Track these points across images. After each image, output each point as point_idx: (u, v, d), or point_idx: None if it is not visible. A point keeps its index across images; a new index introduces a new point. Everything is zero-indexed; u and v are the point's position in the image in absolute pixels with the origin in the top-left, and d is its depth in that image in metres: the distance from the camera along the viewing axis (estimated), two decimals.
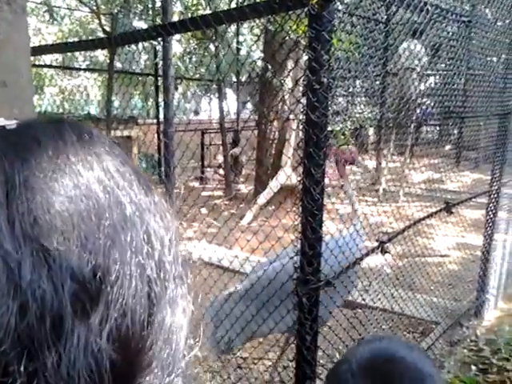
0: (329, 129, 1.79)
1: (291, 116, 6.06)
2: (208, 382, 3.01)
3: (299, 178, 1.79)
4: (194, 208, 4.14)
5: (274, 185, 6.85)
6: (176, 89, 11.61)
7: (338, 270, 2.03)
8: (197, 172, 9.52)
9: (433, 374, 0.91)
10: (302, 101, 1.76)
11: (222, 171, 9.43)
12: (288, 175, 6.71)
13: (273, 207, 6.51)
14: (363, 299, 2.75)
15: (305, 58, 1.76)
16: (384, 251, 2.38)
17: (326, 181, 1.81)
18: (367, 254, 2.28)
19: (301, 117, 1.77)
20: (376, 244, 2.37)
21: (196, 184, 9.34)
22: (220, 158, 9.65)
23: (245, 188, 8.99)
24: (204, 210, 6.21)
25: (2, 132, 0.36)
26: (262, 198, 6.86)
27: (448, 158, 4.98)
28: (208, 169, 10.26)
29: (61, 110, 10.18)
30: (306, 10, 1.67)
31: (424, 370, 0.91)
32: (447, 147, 5.95)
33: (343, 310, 2.85)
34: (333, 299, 2.05)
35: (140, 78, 10.32)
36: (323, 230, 1.81)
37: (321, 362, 2.77)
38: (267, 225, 4.29)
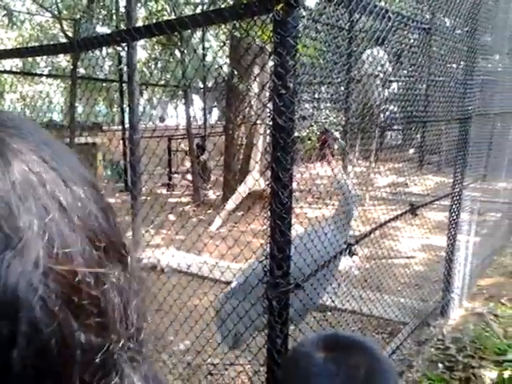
0: (296, 134, 1.81)
1: (258, 121, 6.09)
2: None
3: (267, 183, 1.80)
4: (162, 214, 4.09)
5: (242, 190, 6.85)
6: (141, 95, 11.48)
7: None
8: (164, 178, 9.43)
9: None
10: (268, 105, 1.78)
11: (189, 177, 9.37)
12: (256, 180, 6.72)
13: (241, 212, 6.50)
14: (332, 301, 2.77)
15: (271, 63, 1.77)
16: (352, 253, 2.42)
17: (294, 185, 1.82)
18: (335, 257, 2.31)
19: (268, 121, 1.78)
20: (344, 246, 2.40)
21: (163, 190, 9.24)
22: (187, 164, 9.59)
23: (213, 194, 8.96)
24: (172, 217, 6.15)
25: None
26: (231, 203, 6.84)
27: (411, 161, 5.10)
28: (175, 175, 10.18)
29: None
30: (270, 15, 1.69)
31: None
32: (411, 151, 6.09)
33: (313, 312, 2.87)
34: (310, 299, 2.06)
35: (104, 84, 10.16)
36: (292, 233, 1.82)
37: None
38: (236, 230, 4.29)
